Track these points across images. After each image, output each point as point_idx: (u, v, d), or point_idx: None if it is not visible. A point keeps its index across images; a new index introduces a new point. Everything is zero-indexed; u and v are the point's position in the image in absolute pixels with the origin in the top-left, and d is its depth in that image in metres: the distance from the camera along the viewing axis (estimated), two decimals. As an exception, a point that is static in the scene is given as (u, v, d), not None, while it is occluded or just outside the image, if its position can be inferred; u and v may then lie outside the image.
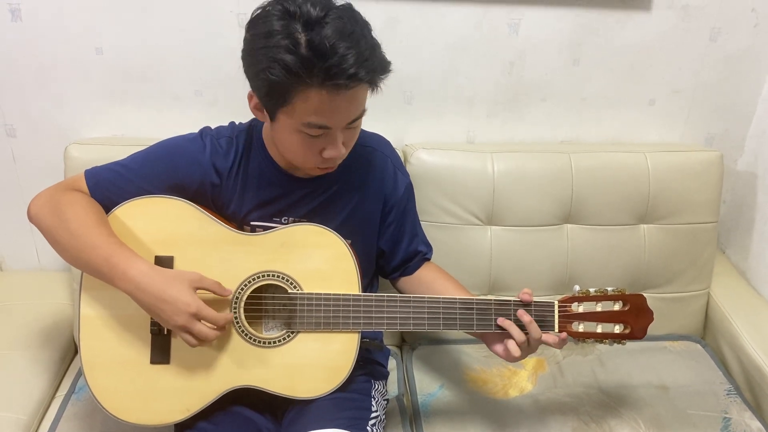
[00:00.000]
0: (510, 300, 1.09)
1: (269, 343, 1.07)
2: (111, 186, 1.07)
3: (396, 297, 1.08)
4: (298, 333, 1.08)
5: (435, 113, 1.53)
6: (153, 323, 1.05)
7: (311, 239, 1.08)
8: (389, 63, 0.96)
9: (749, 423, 1.33)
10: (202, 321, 0.98)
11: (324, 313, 1.07)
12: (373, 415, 1.15)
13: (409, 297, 1.09)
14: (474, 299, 1.10)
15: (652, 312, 1.13)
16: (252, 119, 1.13)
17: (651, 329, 1.13)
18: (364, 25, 0.95)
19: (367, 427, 1.12)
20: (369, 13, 0.97)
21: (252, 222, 1.13)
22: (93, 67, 1.40)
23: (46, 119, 1.44)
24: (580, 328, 1.11)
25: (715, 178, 1.51)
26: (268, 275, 1.07)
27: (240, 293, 1.06)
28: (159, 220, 1.06)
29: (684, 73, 1.55)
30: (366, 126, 1.08)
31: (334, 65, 0.89)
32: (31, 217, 1.06)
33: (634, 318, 1.12)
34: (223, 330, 1.03)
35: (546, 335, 1.07)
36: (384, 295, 1.08)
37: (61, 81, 1.40)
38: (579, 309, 1.11)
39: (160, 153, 1.10)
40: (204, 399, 1.06)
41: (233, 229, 1.08)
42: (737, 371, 1.47)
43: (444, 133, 1.55)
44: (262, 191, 1.11)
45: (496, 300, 1.09)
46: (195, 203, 1.07)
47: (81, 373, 1.35)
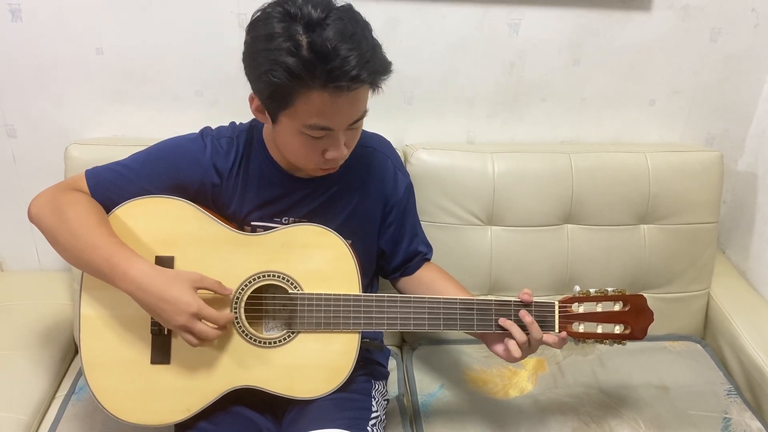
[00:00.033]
0: (510, 301, 1.09)
1: (270, 344, 1.07)
2: (111, 186, 1.07)
3: (396, 297, 1.08)
4: (298, 333, 1.08)
5: (435, 113, 1.53)
6: (153, 323, 1.05)
7: (312, 239, 1.08)
8: (390, 63, 0.96)
9: (749, 423, 1.33)
10: (203, 321, 0.98)
11: (324, 314, 1.07)
12: (374, 416, 1.15)
13: (410, 297, 1.09)
14: (474, 299, 1.10)
15: (652, 312, 1.13)
16: (252, 119, 1.13)
17: (651, 329, 1.13)
18: (364, 26, 0.94)
19: (368, 428, 1.12)
20: (369, 14, 0.97)
21: (252, 222, 1.13)
22: (93, 68, 1.40)
23: (46, 119, 1.44)
24: (580, 328, 1.11)
25: (716, 178, 1.51)
26: (268, 275, 1.07)
27: (240, 293, 1.06)
28: (159, 220, 1.06)
29: (684, 74, 1.55)
30: (366, 126, 1.08)
31: (336, 67, 0.88)
32: (32, 217, 1.06)
33: (634, 318, 1.12)
34: (225, 329, 1.03)
35: (546, 335, 1.07)
36: (384, 296, 1.08)
37: (62, 81, 1.40)
38: (579, 309, 1.11)
39: (160, 153, 1.11)
40: (204, 399, 1.06)
41: (234, 230, 1.08)
42: (737, 371, 1.47)
43: (444, 133, 1.55)
44: (262, 191, 1.11)
45: (496, 300, 1.09)
46: (195, 203, 1.07)
47: (81, 374, 1.35)
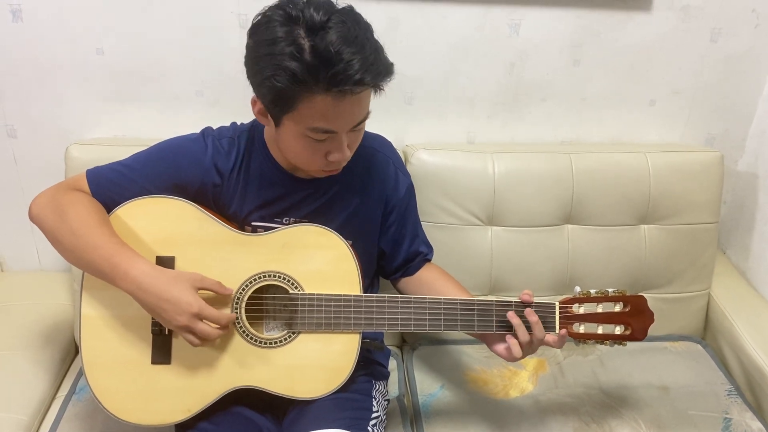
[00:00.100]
0: (511, 301, 1.09)
1: (270, 344, 1.07)
2: (112, 186, 1.07)
3: (397, 298, 1.09)
4: (299, 333, 1.08)
5: (436, 114, 1.53)
6: (154, 323, 1.05)
7: (312, 240, 1.08)
8: (393, 65, 0.95)
9: (750, 423, 1.33)
10: (204, 320, 0.98)
11: (325, 314, 1.07)
12: (374, 416, 1.15)
13: (410, 298, 1.09)
14: (475, 300, 1.10)
15: (652, 313, 1.13)
16: (253, 119, 1.13)
17: (651, 330, 1.13)
18: (366, 28, 0.94)
19: (368, 428, 1.12)
20: (370, 14, 0.97)
21: (253, 222, 1.13)
22: (94, 68, 1.40)
23: (46, 120, 1.44)
24: (580, 329, 1.11)
25: (716, 178, 1.51)
26: (269, 276, 1.07)
27: (241, 293, 1.06)
28: (160, 220, 1.06)
29: (684, 74, 1.55)
30: (367, 126, 1.07)
31: (339, 72, 0.88)
32: (33, 217, 1.05)
33: (634, 319, 1.12)
34: (226, 329, 1.03)
35: (548, 336, 1.08)
36: (385, 296, 1.08)
37: (62, 81, 1.40)
38: (580, 310, 1.11)
39: (161, 153, 1.11)
40: (205, 399, 1.06)
41: (234, 230, 1.08)
42: (738, 372, 1.47)
43: (445, 134, 1.55)
44: (263, 192, 1.11)
45: (497, 301, 1.09)
46: (196, 203, 1.07)
47: (82, 374, 1.34)
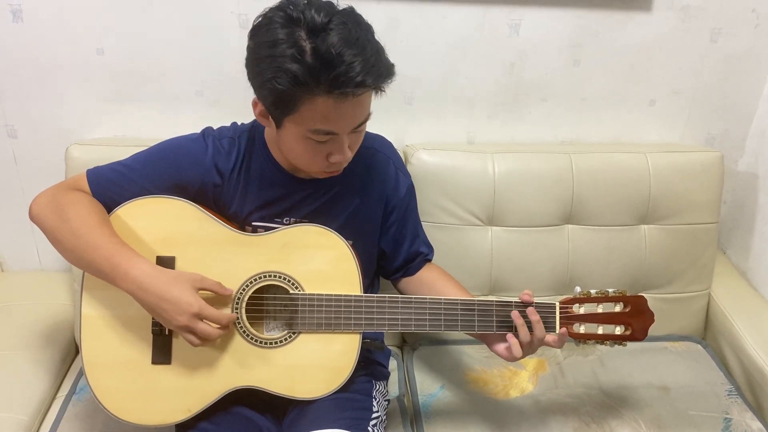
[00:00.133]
0: (511, 302, 1.09)
1: (271, 344, 1.07)
2: (113, 186, 1.07)
3: (397, 298, 1.09)
4: (299, 333, 1.08)
5: (435, 114, 1.53)
6: (154, 323, 1.05)
7: (313, 240, 1.08)
8: (393, 66, 0.95)
9: (750, 424, 1.33)
10: (204, 320, 0.98)
11: (325, 314, 1.07)
12: (374, 416, 1.15)
13: (411, 298, 1.09)
14: (475, 300, 1.10)
15: (652, 313, 1.13)
16: (254, 119, 1.13)
17: (652, 330, 1.13)
18: (367, 29, 0.94)
19: (368, 428, 1.12)
20: (369, 15, 0.97)
21: (253, 222, 1.13)
22: (94, 68, 1.40)
23: (47, 120, 1.44)
24: (581, 329, 1.11)
25: (716, 178, 1.51)
26: (269, 276, 1.07)
27: (242, 294, 1.06)
28: (161, 220, 1.06)
29: (684, 74, 1.56)
30: (367, 127, 1.07)
31: (341, 74, 0.88)
32: (33, 217, 1.05)
33: (635, 319, 1.12)
34: (227, 329, 1.03)
35: (548, 336, 1.08)
36: (385, 296, 1.08)
37: (62, 81, 1.40)
38: (580, 310, 1.11)
39: (162, 153, 1.11)
40: (205, 399, 1.06)
41: (235, 230, 1.08)
42: (738, 372, 1.47)
43: (444, 134, 1.55)
44: (264, 192, 1.11)
45: (497, 301, 1.09)
46: (197, 203, 1.07)
47: (82, 374, 1.35)
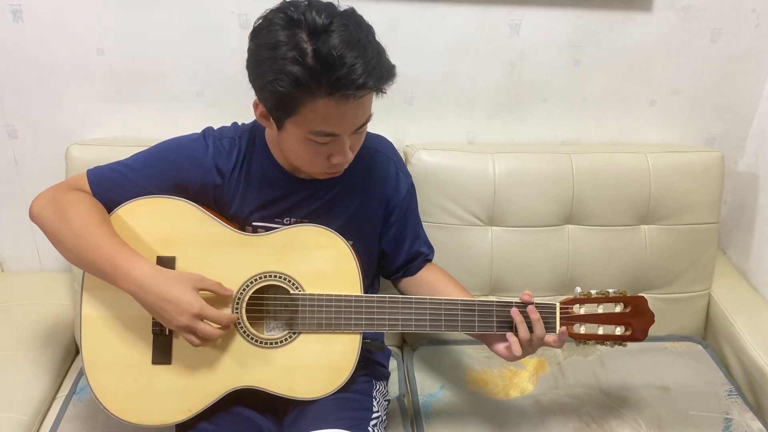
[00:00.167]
0: (511, 302, 1.09)
1: (271, 344, 1.07)
2: (113, 186, 1.07)
3: (398, 298, 1.09)
4: (299, 334, 1.08)
5: (436, 114, 1.53)
6: (155, 323, 1.05)
7: (313, 240, 1.08)
8: (395, 68, 0.95)
9: (750, 424, 1.33)
10: (205, 321, 0.99)
11: (326, 314, 1.07)
12: (374, 416, 1.15)
13: (411, 298, 1.09)
14: (475, 301, 1.10)
15: (653, 314, 1.13)
16: (254, 120, 1.13)
17: (652, 330, 1.13)
18: (368, 31, 0.94)
19: (369, 428, 1.12)
20: (369, 15, 0.97)
21: (254, 222, 1.13)
22: (94, 68, 1.40)
23: (47, 120, 1.44)
24: (581, 329, 1.11)
25: (716, 178, 1.51)
26: (269, 276, 1.07)
27: (242, 294, 1.06)
28: (161, 220, 1.06)
29: (685, 74, 1.56)
30: (368, 127, 1.08)
31: (342, 76, 0.88)
32: (33, 217, 1.05)
33: (635, 320, 1.12)
34: (227, 329, 1.03)
35: (548, 335, 1.08)
36: (386, 296, 1.08)
37: (63, 82, 1.40)
38: (580, 311, 1.11)
39: (162, 153, 1.11)
40: (205, 399, 1.06)
41: (235, 230, 1.08)
42: (738, 372, 1.47)
43: (445, 134, 1.55)
44: (264, 192, 1.11)
45: (497, 301, 1.09)
46: (197, 203, 1.07)
47: (82, 374, 1.35)
